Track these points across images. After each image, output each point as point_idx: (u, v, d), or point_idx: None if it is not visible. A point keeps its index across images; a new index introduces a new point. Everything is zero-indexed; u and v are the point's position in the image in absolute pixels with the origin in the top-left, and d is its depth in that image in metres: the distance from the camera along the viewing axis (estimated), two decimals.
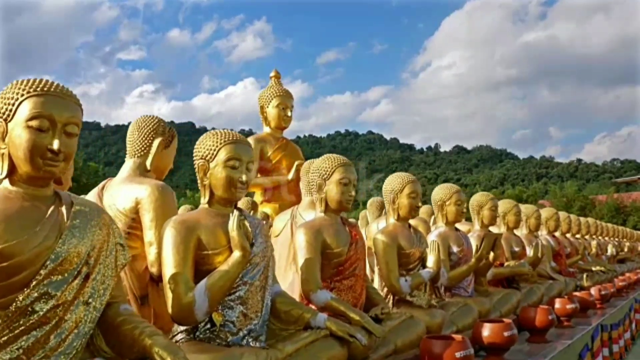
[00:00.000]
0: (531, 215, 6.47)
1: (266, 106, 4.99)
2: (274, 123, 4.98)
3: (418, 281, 3.53)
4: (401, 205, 3.71)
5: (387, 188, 3.79)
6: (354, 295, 2.99)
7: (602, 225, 10.87)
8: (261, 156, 5.00)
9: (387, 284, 3.53)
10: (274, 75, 5.32)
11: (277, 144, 5.24)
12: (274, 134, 5.08)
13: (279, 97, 4.97)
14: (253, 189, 4.98)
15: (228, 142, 2.38)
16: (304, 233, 2.90)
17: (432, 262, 3.64)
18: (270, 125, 5.01)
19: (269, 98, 5.01)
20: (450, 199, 4.40)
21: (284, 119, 5.01)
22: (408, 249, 3.61)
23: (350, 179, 3.04)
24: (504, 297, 4.52)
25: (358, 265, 3.02)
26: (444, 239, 4.27)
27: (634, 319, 7.39)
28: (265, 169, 5.19)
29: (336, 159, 3.07)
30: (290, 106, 5.07)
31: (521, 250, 5.70)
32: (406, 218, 3.74)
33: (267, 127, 5.07)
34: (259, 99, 5.16)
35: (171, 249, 2.19)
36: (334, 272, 2.95)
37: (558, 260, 7.11)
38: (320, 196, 3.08)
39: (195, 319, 2.14)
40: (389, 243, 3.54)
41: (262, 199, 5.50)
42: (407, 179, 3.74)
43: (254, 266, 2.35)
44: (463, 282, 4.28)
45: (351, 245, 3.00)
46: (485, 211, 5.16)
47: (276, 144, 5.24)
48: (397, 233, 3.64)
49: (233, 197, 2.39)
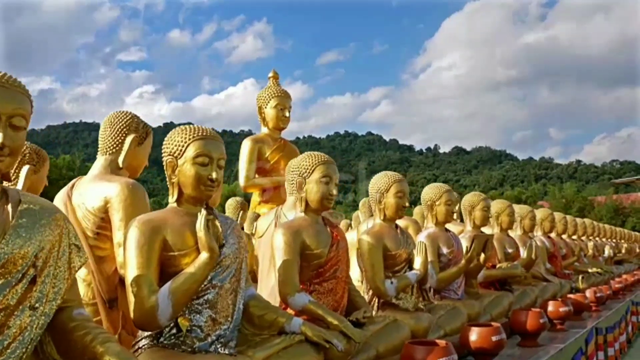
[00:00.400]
0: (525, 215, 6.35)
1: (264, 107, 4.98)
2: (272, 124, 4.96)
3: (404, 283, 3.42)
4: (387, 205, 3.59)
5: (373, 187, 3.67)
6: (335, 299, 2.87)
7: (599, 226, 10.76)
8: (259, 157, 4.99)
9: (372, 286, 3.41)
10: (272, 76, 5.31)
11: (275, 145, 5.23)
12: (272, 135, 5.07)
13: (277, 97, 4.95)
14: (251, 190, 4.95)
15: (197, 138, 2.26)
16: (282, 233, 2.78)
17: (419, 263, 3.52)
18: (269, 125, 4.99)
19: (267, 99, 4.99)
20: (440, 199, 4.28)
21: (282, 120, 5.00)
22: (394, 250, 3.49)
23: (332, 177, 2.92)
24: (495, 299, 4.40)
25: (339, 267, 2.90)
26: (434, 239, 4.15)
27: (630, 321, 7.27)
28: (263, 169, 5.17)
29: (317, 157, 2.96)
30: (288, 107, 5.06)
31: (515, 251, 5.59)
32: (393, 218, 3.63)
33: (265, 127, 5.06)
34: (257, 99, 5.15)
35: (134, 250, 2.07)
36: (313, 274, 2.83)
37: (553, 261, 6.99)
38: (300, 195, 2.96)
39: (158, 324, 2.02)
40: (374, 244, 3.43)
41: (260, 199, 5.50)
42: (394, 177, 3.62)
43: (224, 268, 2.23)
44: (453, 285, 4.16)
45: (332, 246, 2.88)
46: (477, 212, 5.04)
47: (274, 145, 5.22)
48: (383, 234, 3.52)
49: (202, 196, 2.27)
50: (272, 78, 5.30)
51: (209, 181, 2.24)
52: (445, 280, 4.04)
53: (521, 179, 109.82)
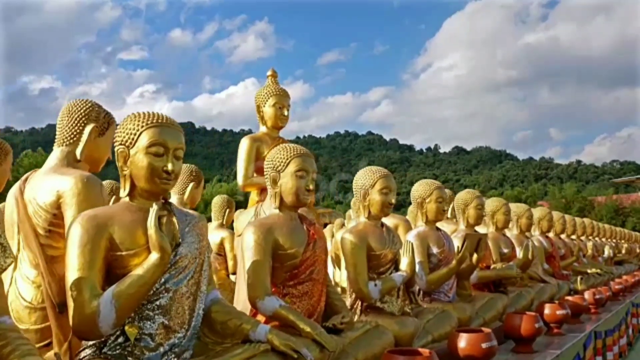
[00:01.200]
0: (522, 214, 6.12)
1: (262, 105, 4.91)
2: (270, 122, 4.87)
3: (389, 286, 3.19)
4: (372, 201, 3.37)
5: (358, 183, 3.45)
6: (311, 303, 2.64)
7: (598, 226, 10.52)
8: (257, 156, 4.88)
9: (354, 288, 3.18)
10: (270, 74, 5.20)
11: (274, 144, 4.93)
12: (270, 134, 4.97)
13: (275, 96, 4.87)
14: (249, 189, 4.84)
15: (151, 125, 2.04)
16: (253, 232, 2.56)
17: (405, 264, 3.30)
18: (267, 124, 4.90)
19: (265, 97, 4.91)
20: (430, 196, 4.05)
21: (281, 119, 4.91)
22: (379, 250, 3.27)
23: (308, 170, 2.70)
24: (489, 302, 4.17)
25: (316, 269, 2.67)
26: (423, 239, 3.93)
27: (630, 323, 7.05)
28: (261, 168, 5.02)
29: (292, 149, 2.73)
30: (287, 105, 4.96)
31: (511, 251, 5.36)
32: (378, 216, 3.40)
33: (264, 126, 4.98)
34: (255, 98, 5.09)
35: (76, 249, 1.86)
36: (287, 276, 2.61)
37: (551, 262, 6.77)
38: (274, 190, 2.74)
39: (99, 332, 1.80)
40: (357, 243, 3.20)
41: (258, 198, 5.40)
42: (379, 173, 3.40)
43: (179, 270, 2.01)
44: (443, 287, 3.94)
45: (308, 245, 2.65)
46: (471, 210, 4.81)
47: (273, 144, 4.97)
48: (367, 232, 3.29)
49: (157, 189, 2.05)
50: (271, 76, 5.22)
51: (165, 173, 2.03)
52: (435, 282, 3.82)
53: (521, 179, 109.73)
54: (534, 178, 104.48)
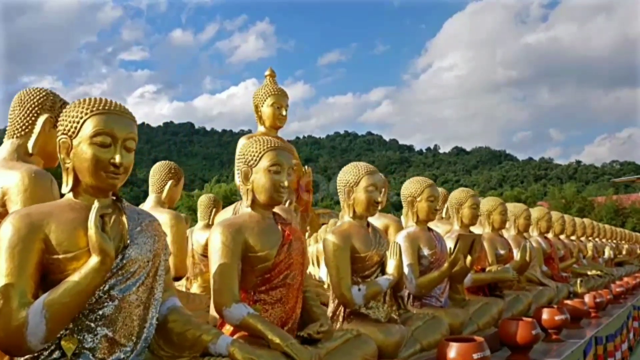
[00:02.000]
0: (520, 214, 5.89)
1: (261, 105, 4.86)
2: (268, 122, 4.82)
3: (374, 290, 2.96)
4: (357, 200, 3.14)
5: (341, 180, 3.22)
6: (285, 310, 2.41)
7: (598, 227, 10.29)
8: None
9: (336, 293, 2.95)
10: (269, 74, 5.13)
11: None
12: (268, 134, 4.85)
13: (273, 95, 4.83)
14: None
15: (96, 112, 1.81)
16: (220, 232, 2.32)
17: (392, 267, 3.06)
18: (265, 124, 4.85)
19: (263, 97, 4.86)
20: (421, 195, 3.82)
21: (279, 118, 4.85)
22: (363, 252, 3.04)
23: (283, 165, 2.47)
24: (483, 307, 3.94)
25: (291, 273, 2.44)
26: (414, 240, 3.70)
27: (632, 327, 6.81)
28: None
29: (265, 142, 2.50)
30: (285, 105, 4.90)
31: (507, 253, 5.13)
32: (363, 215, 3.17)
33: (262, 126, 4.92)
34: (253, 97, 5.03)
35: (4, 251, 1.62)
36: (258, 281, 2.38)
37: (550, 264, 6.53)
38: (245, 187, 2.51)
39: (27, 346, 1.57)
40: (340, 245, 2.97)
41: None
42: (365, 169, 3.17)
43: (127, 275, 1.78)
44: (435, 291, 3.71)
45: (282, 247, 2.42)
46: (466, 209, 4.59)
47: None
48: (351, 233, 3.06)
49: (103, 184, 1.82)
50: (269, 76, 5.13)
51: (112, 166, 1.79)
52: (425, 286, 3.59)
53: (521, 179, 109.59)
54: (533, 178, 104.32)
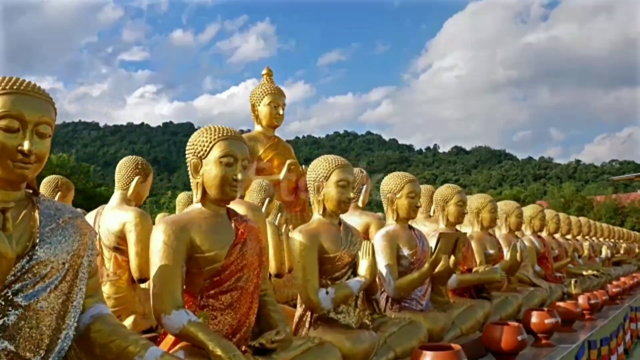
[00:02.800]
0: (511, 212, 5.65)
1: (257, 104, 4.87)
2: (265, 121, 4.85)
3: (343, 293, 2.72)
4: (327, 196, 2.90)
5: (311, 175, 2.99)
6: (236, 317, 2.17)
7: (595, 225, 10.05)
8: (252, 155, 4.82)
9: (302, 297, 2.72)
10: (265, 73, 5.12)
11: (269, 143, 5.09)
12: (265, 133, 4.92)
13: (270, 95, 4.83)
14: None
15: (2, 92, 1.58)
16: (162, 230, 2.09)
17: (364, 268, 2.83)
18: (262, 123, 4.87)
19: (260, 96, 4.86)
20: (401, 191, 3.59)
21: (276, 117, 4.86)
22: (333, 251, 2.80)
23: (236, 156, 2.23)
24: (467, 310, 3.70)
25: (245, 275, 2.20)
26: (392, 239, 3.46)
27: (628, 329, 6.57)
28: (257, 168, 5.05)
29: (216, 130, 2.26)
30: (282, 104, 4.90)
31: (497, 252, 4.89)
32: (334, 212, 2.94)
33: (259, 125, 4.92)
34: (250, 97, 4.99)
35: None
36: (206, 284, 2.14)
37: (543, 263, 6.30)
38: (195, 180, 2.27)
39: None
40: (306, 244, 2.74)
41: None
42: (336, 162, 2.93)
43: (35, 279, 1.54)
44: (415, 293, 3.47)
45: (234, 247, 2.19)
46: (451, 206, 4.35)
47: (267, 143, 5.09)
48: (320, 231, 2.83)
49: (11, 175, 1.58)
50: (266, 75, 5.11)
51: (20, 154, 1.56)
52: (405, 288, 3.35)
53: (520, 178, 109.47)
54: (532, 178, 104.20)
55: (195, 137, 2.28)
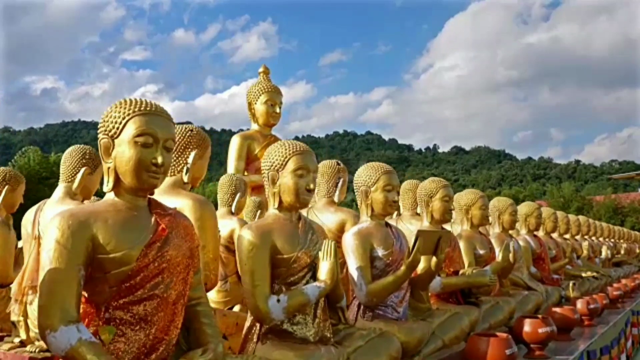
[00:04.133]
0: (505, 210, 5.24)
1: (254, 102, 4.82)
2: (262, 120, 4.80)
3: (298, 301, 2.31)
4: (284, 187, 2.49)
5: (265, 164, 2.58)
6: (152, 332, 1.75)
7: (595, 225, 9.62)
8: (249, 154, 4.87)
9: (249, 305, 2.31)
10: (262, 71, 5.05)
11: (265, 141, 5.04)
12: (262, 131, 4.88)
13: (267, 93, 4.78)
14: None
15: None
16: (57, 226, 1.67)
17: (324, 272, 2.42)
18: (259, 122, 4.83)
19: (257, 94, 4.81)
20: (376, 183, 3.17)
21: (273, 116, 4.81)
22: (288, 252, 2.39)
23: (156, 135, 1.81)
24: (451, 318, 3.28)
25: (165, 281, 1.79)
26: (365, 237, 3.05)
27: (630, 335, 6.17)
28: (253, 166, 5.01)
29: (133, 104, 1.85)
30: (278, 102, 4.84)
31: (488, 253, 4.49)
32: (292, 206, 2.53)
33: (255, 124, 4.87)
34: (246, 95, 4.94)
35: None
36: (114, 292, 1.73)
37: (540, 265, 5.88)
38: (106, 165, 1.86)
39: None
40: (256, 243, 2.33)
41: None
42: (293, 148, 2.53)
43: None
44: (391, 299, 3.06)
45: (151, 245, 1.77)
46: (436, 202, 3.95)
47: (264, 142, 5.06)
48: (273, 228, 2.42)
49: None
50: (263, 73, 5.03)
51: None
52: (378, 293, 2.93)
53: (520, 178, 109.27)
54: (532, 178, 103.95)
55: (107, 112, 1.87)
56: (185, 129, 2.85)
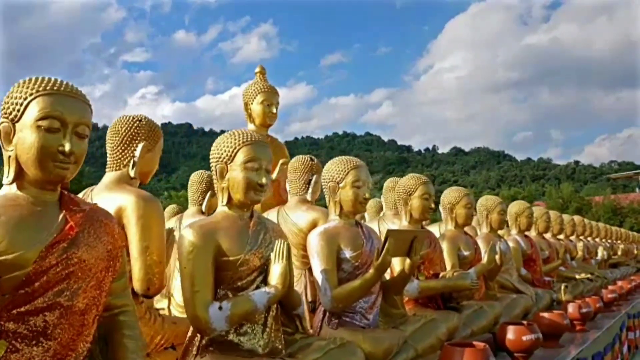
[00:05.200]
0: (493, 208, 4.99)
1: (250, 103, 4.76)
2: (258, 120, 4.72)
3: (243, 309, 2.06)
4: (233, 182, 2.25)
5: (213, 157, 2.34)
6: (54, 348, 1.50)
7: (591, 225, 9.36)
8: None
9: (188, 313, 2.06)
10: (259, 71, 5.00)
11: None
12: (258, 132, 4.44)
13: (263, 93, 4.72)
14: None
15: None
16: None
17: (275, 276, 2.17)
18: (255, 122, 4.75)
19: (253, 94, 4.75)
20: (345, 179, 2.92)
21: (269, 116, 4.71)
22: (235, 253, 2.14)
23: (65, 121, 1.57)
24: (427, 325, 3.02)
25: (71, 288, 1.54)
26: (331, 238, 2.80)
27: (625, 340, 5.91)
28: None
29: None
30: (275, 103, 4.79)
31: (473, 254, 4.24)
32: (242, 203, 2.28)
33: (252, 124, 4.78)
34: (243, 95, 4.88)
35: None
36: (7, 300, 1.48)
37: (531, 266, 5.64)
38: (7, 154, 1.61)
39: None
40: (198, 244, 2.08)
41: None
42: (242, 138, 2.28)
43: None
44: (360, 305, 2.81)
45: (54, 246, 1.52)
46: (415, 200, 3.71)
47: None
48: (219, 228, 2.17)
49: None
50: (259, 73, 4.96)
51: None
52: (344, 298, 2.68)
53: (519, 179, 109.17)
54: (531, 178, 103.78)
55: (9, 93, 1.62)
56: (133, 118, 2.61)
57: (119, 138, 2.57)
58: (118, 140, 2.57)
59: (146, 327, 2.37)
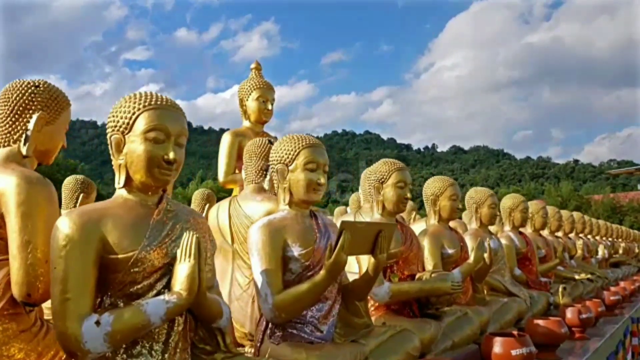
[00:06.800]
0: (483, 202, 4.48)
1: (246, 99, 4.69)
2: (253, 117, 4.64)
3: (130, 324, 1.53)
4: (130, 157, 1.73)
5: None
6: None
7: (591, 222, 8.83)
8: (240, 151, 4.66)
9: (56, 328, 1.54)
10: (254, 67, 4.93)
11: None
12: (253, 129, 4.71)
13: (259, 89, 4.64)
14: (230, 185, 4.55)
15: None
16: None
17: (181, 279, 1.64)
18: (250, 119, 4.67)
19: (248, 90, 4.68)
20: (295, 161, 2.40)
21: (265, 113, 4.65)
22: (125, 250, 1.62)
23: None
24: (395, 338, 2.49)
25: None
26: (276, 231, 2.28)
27: (629, 346, 5.40)
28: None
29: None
30: (271, 99, 4.72)
31: (458, 252, 3.74)
32: (145, 185, 1.76)
33: (247, 121, 4.71)
34: (238, 91, 4.83)
35: None
36: None
37: (526, 266, 5.13)
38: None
39: None
40: (74, 237, 1.57)
41: None
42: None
43: None
44: (312, 313, 2.29)
45: None
46: (389, 189, 3.20)
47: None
48: (107, 215, 1.65)
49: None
50: (255, 69, 4.89)
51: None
52: (288, 306, 2.16)
53: (518, 178, 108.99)
54: (530, 177, 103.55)
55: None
56: (28, 83, 2.09)
57: (8, 107, 2.06)
58: (8, 109, 2.05)
59: (32, 343, 1.86)
